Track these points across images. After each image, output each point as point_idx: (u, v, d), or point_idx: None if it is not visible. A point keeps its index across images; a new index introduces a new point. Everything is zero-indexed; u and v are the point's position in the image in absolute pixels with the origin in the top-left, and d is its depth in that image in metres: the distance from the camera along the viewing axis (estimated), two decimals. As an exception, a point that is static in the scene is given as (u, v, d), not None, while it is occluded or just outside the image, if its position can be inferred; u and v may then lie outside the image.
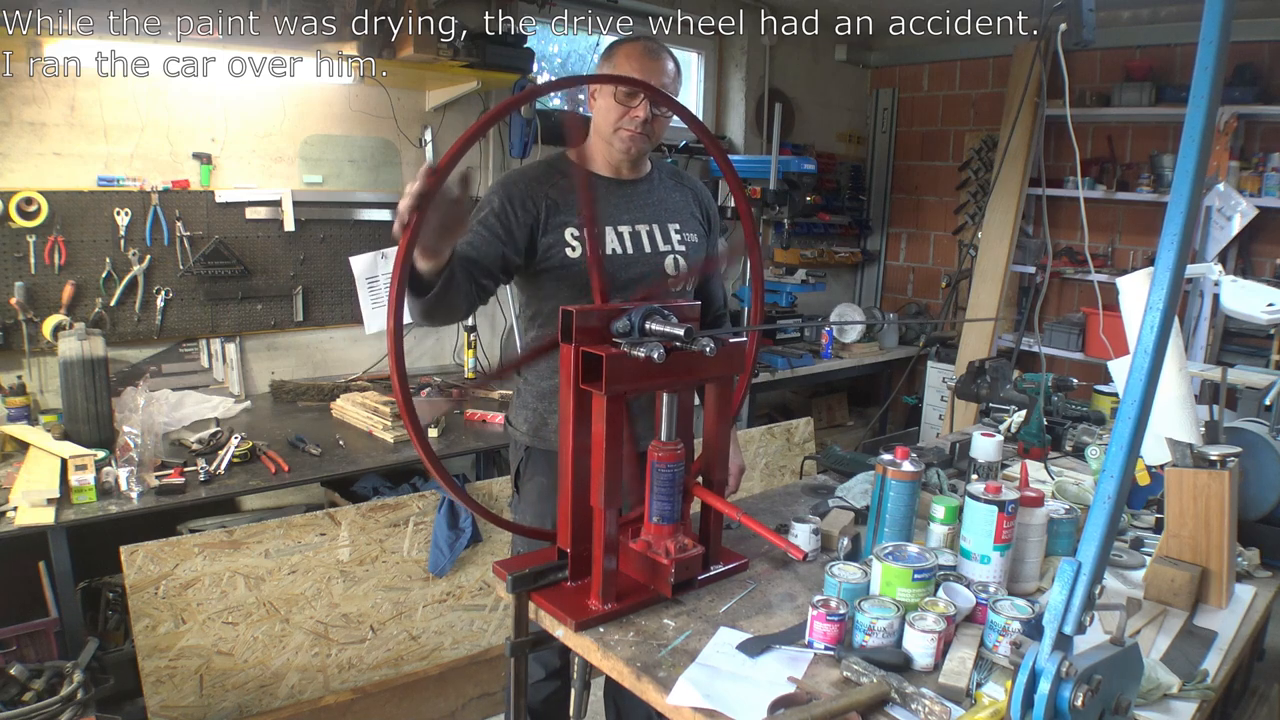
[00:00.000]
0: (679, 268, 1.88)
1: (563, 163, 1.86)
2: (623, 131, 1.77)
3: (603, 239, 1.80)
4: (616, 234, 1.82)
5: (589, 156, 1.86)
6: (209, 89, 2.94)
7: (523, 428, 1.93)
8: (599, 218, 1.80)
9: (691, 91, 4.76)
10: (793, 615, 1.45)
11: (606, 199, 1.83)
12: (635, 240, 1.84)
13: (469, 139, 1.28)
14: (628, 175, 1.88)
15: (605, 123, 1.79)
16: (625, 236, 1.83)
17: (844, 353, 4.58)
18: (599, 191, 1.82)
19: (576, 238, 1.78)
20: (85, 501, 2.11)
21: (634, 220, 1.85)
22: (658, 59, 1.79)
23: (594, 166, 1.86)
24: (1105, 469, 0.96)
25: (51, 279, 2.69)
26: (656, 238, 1.88)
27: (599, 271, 1.49)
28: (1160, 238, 0.93)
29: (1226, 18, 0.89)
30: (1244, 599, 1.57)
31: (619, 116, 1.76)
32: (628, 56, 1.78)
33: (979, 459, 2.03)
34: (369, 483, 2.98)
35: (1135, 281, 1.86)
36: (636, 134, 1.77)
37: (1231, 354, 3.89)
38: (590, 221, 1.64)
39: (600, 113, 1.80)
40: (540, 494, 1.91)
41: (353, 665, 2.50)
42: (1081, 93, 4.32)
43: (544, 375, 1.89)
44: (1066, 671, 0.96)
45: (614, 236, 1.82)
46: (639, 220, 1.86)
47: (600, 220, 1.80)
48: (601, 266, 1.50)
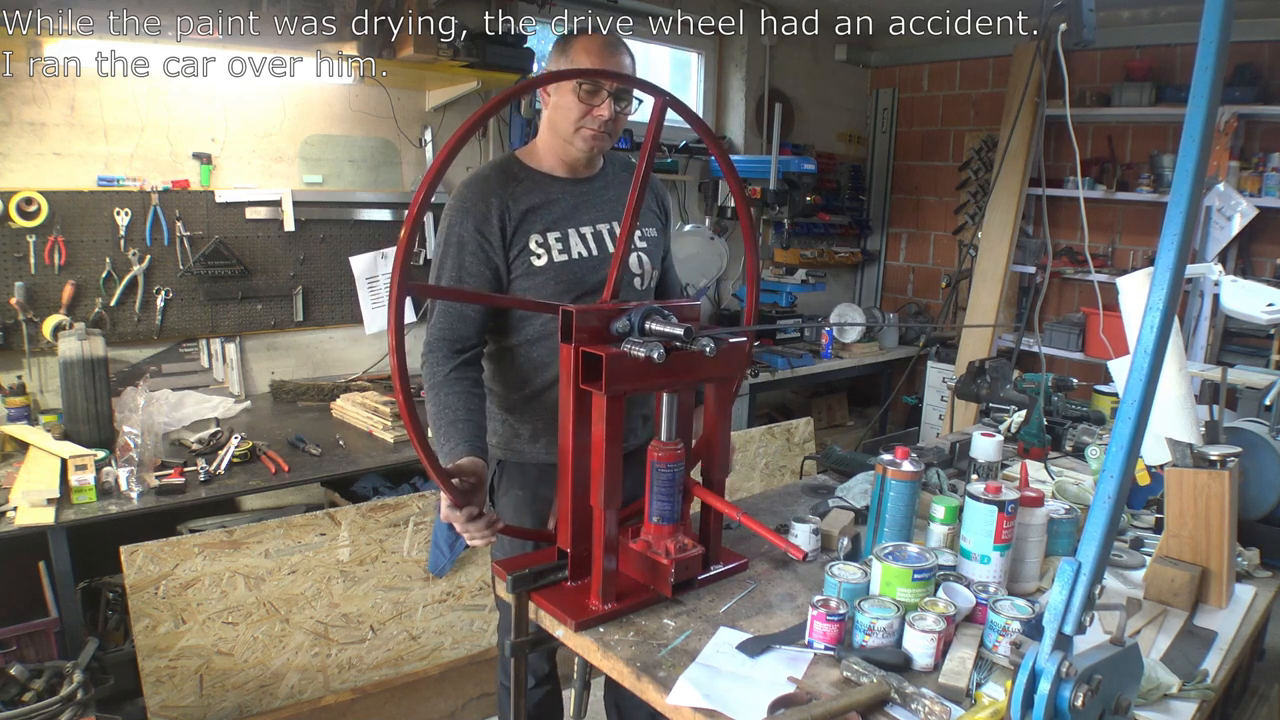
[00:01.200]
0: (643, 265, 1.82)
1: (513, 165, 1.76)
2: (585, 130, 1.68)
3: (567, 243, 1.73)
4: (579, 235, 1.75)
5: (540, 155, 1.77)
6: (209, 89, 2.94)
7: (493, 440, 1.80)
8: (558, 222, 1.73)
9: (691, 91, 4.76)
10: (793, 615, 1.45)
11: (564, 200, 1.75)
12: (599, 241, 1.77)
13: (459, 140, 1.28)
14: (584, 174, 1.79)
15: (565, 121, 1.68)
16: (589, 238, 1.76)
17: (844, 353, 4.58)
18: (556, 193, 1.74)
19: (541, 244, 1.70)
20: (85, 501, 2.11)
21: (594, 220, 1.78)
22: (617, 52, 1.70)
23: (547, 166, 1.76)
24: (1105, 469, 0.96)
25: (51, 279, 2.69)
26: (614, 234, 1.80)
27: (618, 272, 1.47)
28: (1160, 238, 0.93)
29: (1226, 18, 0.89)
30: (1244, 599, 1.57)
31: (581, 115, 1.66)
32: (586, 50, 1.68)
33: (979, 459, 2.03)
34: (369, 483, 2.98)
35: (1135, 281, 1.86)
36: (600, 133, 1.68)
37: (1231, 354, 3.89)
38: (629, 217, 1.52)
39: (559, 110, 1.69)
40: (517, 507, 1.83)
41: (353, 665, 2.50)
42: (1081, 93, 4.32)
43: (512, 388, 1.80)
44: (1066, 671, 0.96)
45: (578, 239, 1.74)
46: (599, 219, 1.78)
47: (560, 224, 1.73)
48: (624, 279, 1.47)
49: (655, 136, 1.50)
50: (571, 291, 1.71)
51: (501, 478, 1.86)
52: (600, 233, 1.78)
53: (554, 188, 1.75)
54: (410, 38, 2.86)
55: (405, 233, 1.27)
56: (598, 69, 1.68)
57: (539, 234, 1.71)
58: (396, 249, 1.29)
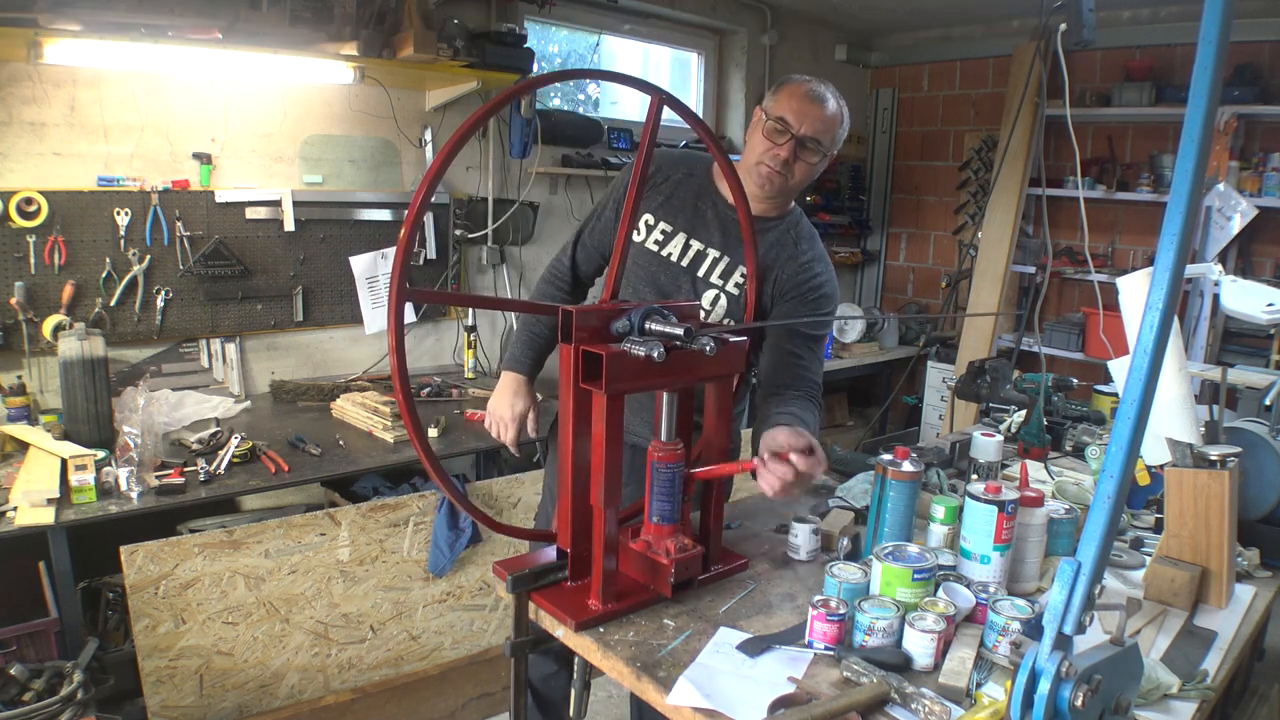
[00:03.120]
0: (715, 305, 1.84)
1: (700, 167, 1.90)
2: (762, 166, 1.77)
3: (668, 240, 1.84)
4: (684, 242, 1.84)
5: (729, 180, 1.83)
6: (209, 89, 2.94)
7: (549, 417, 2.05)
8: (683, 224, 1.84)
9: (691, 91, 4.76)
10: (793, 615, 1.45)
11: (707, 214, 1.85)
12: (695, 257, 1.84)
13: (458, 141, 1.28)
14: (758, 211, 1.82)
15: (751, 153, 1.80)
16: (691, 249, 1.84)
17: (844, 353, 4.58)
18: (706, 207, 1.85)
19: (649, 225, 1.85)
20: (85, 501, 2.11)
21: (709, 242, 1.84)
22: (815, 102, 1.76)
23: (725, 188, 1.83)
24: (1105, 469, 0.96)
25: (51, 279, 2.69)
26: (718, 266, 1.85)
27: (621, 256, 1.50)
28: (1160, 238, 0.93)
29: (1226, 18, 0.89)
30: (1244, 599, 1.57)
31: (763, 150, 1.77)
32: (790, 95, 1.77)
33: (979, 459, 2.03)
34: (369, 483, 2.98)
35: (1135, 281, 1.86)
36: (774, 171, 1.77)
37: (1231, 354, 3.90)
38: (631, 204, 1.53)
39: (749, 144, 1.83)
40: None
41: (353, 665, 2.50)
42: (1081, 93, 4.32)
43: None
44: (1066, 671, 0.96)
45: (680, 242, 1.84)
46: (712, 245, 1.84)
47: (678, 223, 1.84)
48: (626, 251, 1.50)
49: (652, 135, 1.51)
50: (647, 283, 1.86)
51: (550, 448, 2.05)
52: (703, 252, 1.85)
53: (717, 202, 1.85)
54: (410, 38, 2.85)
55: (405, 232, 1.27)
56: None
57: (651, 214, 1.85)
58: (396, 249, 1.29)
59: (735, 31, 4.63)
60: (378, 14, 2.85)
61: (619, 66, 4.44)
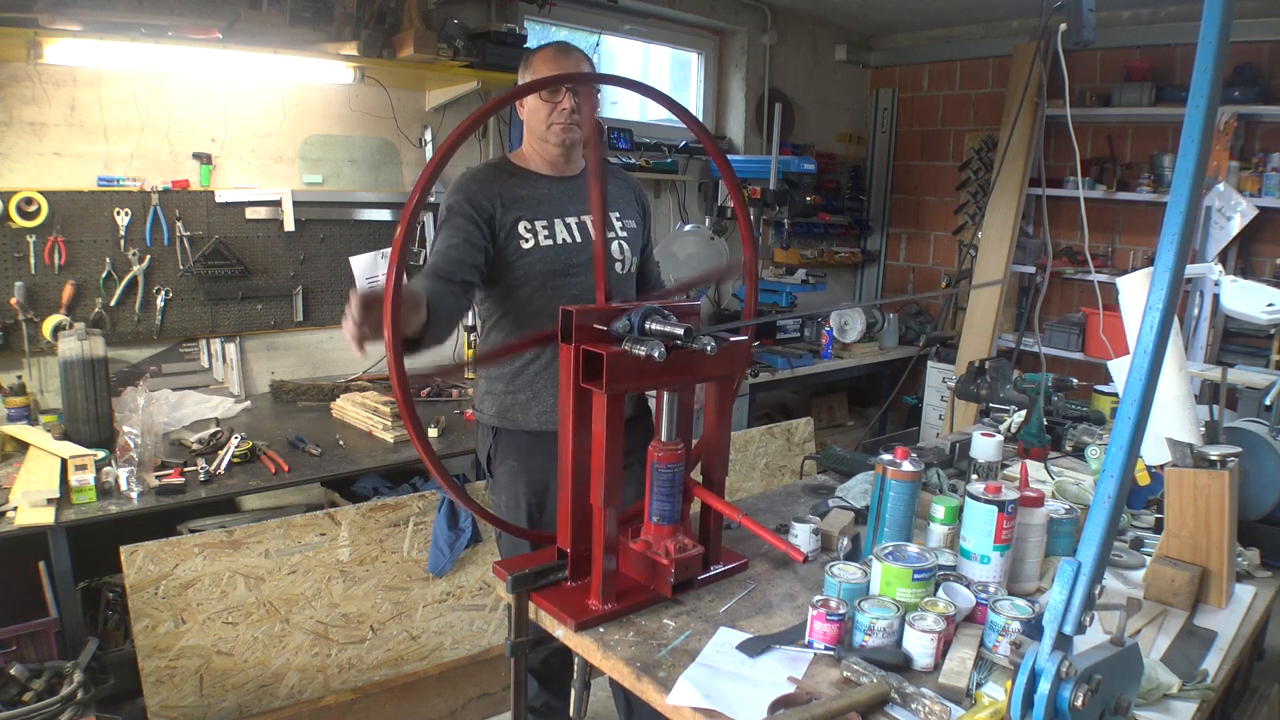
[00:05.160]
0: (623, 252, 2.02)
1: (505, 164, 1.99)
2: (554, 125, 1.89)
3: (553, 230, 1.92)
4: (565, 225, 1.94)
5: (527, 157, 1.99)
6: (209, 89, 2.94)
7: (490, 411, 2.01)
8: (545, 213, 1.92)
9: (691, 91, 4.76)
10: (793, 615, 1.45)
11: (551, 194, 1.95)
12: (582, 230, 1.96)
13: (454, 142, 1.29)
14: (567, 172, 1.99)
15: (537, 122, 1.91)
16: (573, 227, 1.95)
17: (844, 353, 4.57)
18: (543, 190, 1.95)
19: (529, 230, 1.90)
20: (85, 501, 2.11)
21: (579, 212, 1.97)
22: (570, 56, 1.92)
23: (534, 166, 1.97)
24: (1105, 469, 0.96)
25: (51, 279, 2.69)
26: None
27: (604, 267, 1.51)
28: (1160, 238, 0.93)
29: (1226, 18, 0.89)
30: (1244, 599, 1.57)
31: (549, 113, 1.88)
32: (544, 60, 1.92)
33: (979, 459, 2.03)
34: (369, 483, 2.98)
35: (1135, 281, 1.86)
36: (567, 125, 1.88)
37: (1231, 354, 3.89)
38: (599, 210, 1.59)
39: (532, 115, 1.92)
40: (511, 476, 1.99)
41: (353, 665, 2.50)
42: (1081, 93, 4.32)
43: (503, 361, 2.00)
44: (1066, 671, 0.96)
45: (563, 227, 1.94)
46: (583, 212, 1.97)
47: (550, 214, 1.93)
48: (606, 263, 1.53)
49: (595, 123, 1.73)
50: (558, 272, 1.92)
51: (497, 447, 2.02)
52: (584, 223, 1.97)
53: (540, 184, 1.96)
54: (410, 38, 2.86)
55: (401, 230, 1.27)
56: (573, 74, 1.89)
57: (527, 221, 1.91)
58: (393, 246, 1.29)
59: (735, 31, 4.63)
60: (378, 14, 2.85)
61: (619, 67, 4.44)
